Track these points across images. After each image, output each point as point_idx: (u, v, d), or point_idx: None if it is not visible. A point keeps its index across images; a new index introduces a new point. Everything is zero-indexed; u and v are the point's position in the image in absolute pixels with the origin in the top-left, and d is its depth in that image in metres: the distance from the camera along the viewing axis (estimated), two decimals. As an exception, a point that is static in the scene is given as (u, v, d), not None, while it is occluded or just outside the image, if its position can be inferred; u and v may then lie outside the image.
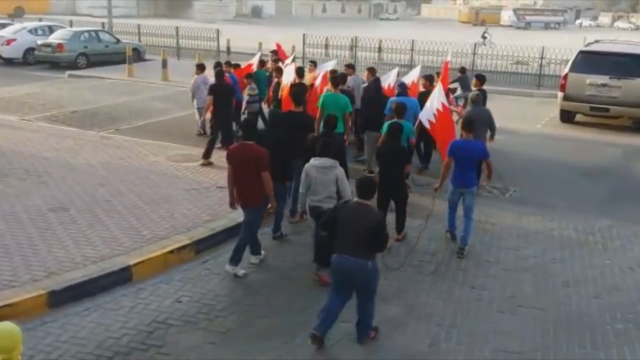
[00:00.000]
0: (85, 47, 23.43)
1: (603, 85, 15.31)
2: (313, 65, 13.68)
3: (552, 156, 12.97)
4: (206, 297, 6.55)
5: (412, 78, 12.18)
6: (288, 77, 11.76)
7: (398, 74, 12.78)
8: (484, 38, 38.24)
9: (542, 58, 21.85)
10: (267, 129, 8.05)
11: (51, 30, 24.94)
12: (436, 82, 10.84)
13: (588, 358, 5.77)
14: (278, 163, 7.25)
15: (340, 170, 6.86)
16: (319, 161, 6.85)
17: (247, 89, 12.50)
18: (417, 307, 6.51)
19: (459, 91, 15.06)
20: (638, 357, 5.78)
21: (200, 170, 10.48)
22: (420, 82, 12.06)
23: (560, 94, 16.07)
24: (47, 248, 7.16)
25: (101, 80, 20.79)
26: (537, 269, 7.53)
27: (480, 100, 10.22)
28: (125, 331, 5.84)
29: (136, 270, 6.90)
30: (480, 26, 60.02)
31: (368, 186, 5.68)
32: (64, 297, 6.27)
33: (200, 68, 13.03)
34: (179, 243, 7.52)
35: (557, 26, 73.78)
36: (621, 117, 16.03)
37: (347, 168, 7.86)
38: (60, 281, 6.41)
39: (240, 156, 6.91)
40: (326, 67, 12.51)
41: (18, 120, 14.27)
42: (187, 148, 11.80)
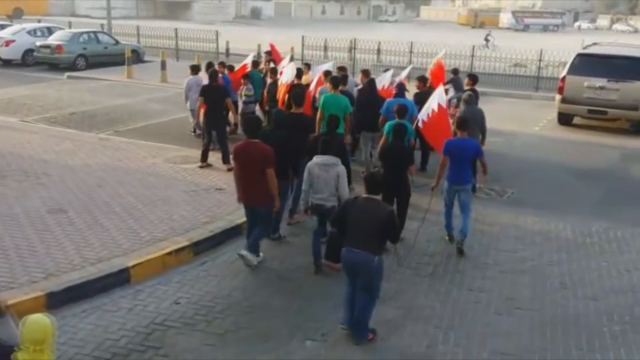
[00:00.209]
0: (84, 49, 23.40)
1: (601, 88, 15.32)
2: (307, 67, 13.70)
3: (550, 158, 13.00)
4: (204, 299, 6.56)
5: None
6: (286, 77, 11.74)
7: (393, 75, 12.81)
8: (487, 41, 38.32)
9: (540, 60, 21.88)
10: (271, 129, 8.12)
11: (50, 31, 24.91)
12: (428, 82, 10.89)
13: (585, 360, 5.78)
14: (282, 163, 7.31)
15: (341, 168, 6.90)
16: (321, 158, 6.88)
17: (244, 90, 12.41)
18: (415, 309, 6.52)
19: (452, 92, 15.01)
20: (634, 359, 5.79)
21: (198, 172, 10.49)
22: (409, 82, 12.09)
23: (558, 97, 16.09)
24: (45, 249, 7.16)
25: (100, 81, 20.78)
26: (535, 271, 7.55)
27: (473, 100, 10.25)
28: (123, 333, 5.84)
29: (134, 271, 6.90)
30: (479, 28, 60.16)
31: (376, 181, 5.82)
32: (62, 299, 6.26)
33: (194, 69, 12.89)
34: (177, 245, 7.52)
35: (556, 29, 73.98)
36: (619, 120, 16.06)
37: (350, 169, 7.90)
38: (58, 283, 6.42)
39: (244, 154, 6.96)
40: (322, 69, 12.50)
41: (17, 121, 14.27)
42: (186, 150, 11.81)
